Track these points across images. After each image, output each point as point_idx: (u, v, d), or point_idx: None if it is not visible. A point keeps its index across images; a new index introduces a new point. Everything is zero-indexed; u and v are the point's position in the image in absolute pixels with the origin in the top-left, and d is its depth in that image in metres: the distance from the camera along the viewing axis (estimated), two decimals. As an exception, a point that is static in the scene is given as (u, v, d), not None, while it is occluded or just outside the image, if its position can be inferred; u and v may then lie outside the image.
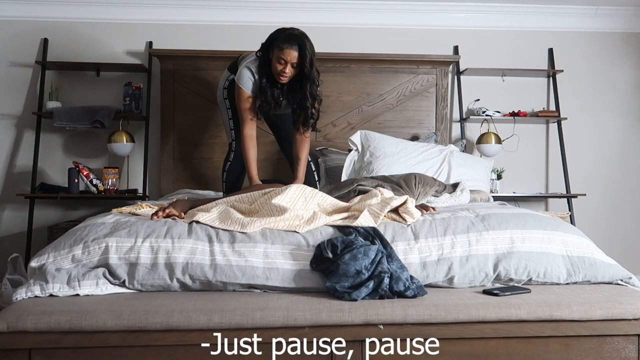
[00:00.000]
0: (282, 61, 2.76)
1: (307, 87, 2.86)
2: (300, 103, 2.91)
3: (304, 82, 2.85)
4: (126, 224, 2.02)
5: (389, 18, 4.22)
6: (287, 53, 2.74)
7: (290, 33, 2.77)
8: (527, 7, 4.23)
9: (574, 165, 4.25)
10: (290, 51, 2.74)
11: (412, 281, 1.86)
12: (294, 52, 2.75)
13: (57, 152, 4.05)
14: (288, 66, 2.77)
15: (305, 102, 2.89)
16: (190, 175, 3.97)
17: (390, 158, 3.41)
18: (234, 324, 1.67)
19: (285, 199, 2.15)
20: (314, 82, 2.87)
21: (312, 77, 2.85)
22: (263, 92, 2.86)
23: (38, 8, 4.03)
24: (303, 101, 2.89)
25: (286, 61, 2.76)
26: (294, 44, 2.74)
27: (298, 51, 2.75)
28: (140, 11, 4.09)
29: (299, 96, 2.89)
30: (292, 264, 1.92)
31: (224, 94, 3.15)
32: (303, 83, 2.85)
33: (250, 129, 2.92)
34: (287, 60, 2.76)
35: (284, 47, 2.74)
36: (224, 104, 3.17)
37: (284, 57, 2.75)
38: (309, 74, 2.82)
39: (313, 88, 2.88)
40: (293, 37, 2.75)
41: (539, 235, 2.08)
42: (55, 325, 1.63)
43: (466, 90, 4.25)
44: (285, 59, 2.75)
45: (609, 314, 1.76)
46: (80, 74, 4.08)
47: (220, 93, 3.19)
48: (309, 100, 2.89)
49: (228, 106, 3.15)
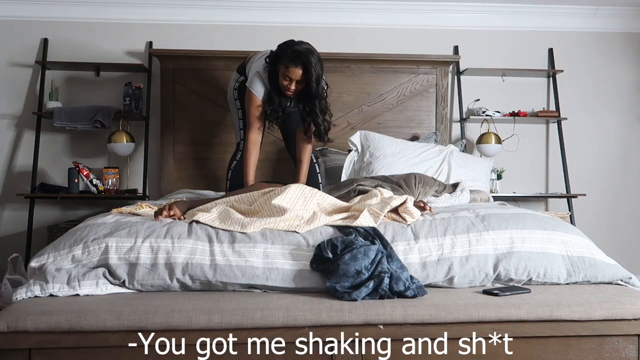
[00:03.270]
0: (287, 78, 2.76)
1: (316, 104, 2.84)
2: (312, 119, 2.89)
3: (312, 99, 2.83)
4: (126, 224, 2.02)
5: (389, 18, 4.22)
6: (291, 71, 2.74)
7: (297, 50, 2.72)
8: (527, 7, 4.23)
9: (574, 165, 4.25)
10: (295, 70, 2.73)
11: (412, 281, 1.86)
12: (299, 71, 2.73)
13: (57, 152, 4.05)
14: (293, 83, 2.77)
15: (317, 119, 2.87)
16: (190, 175, 3.97)
17: (390, 158, 3.41)
18: (234, 324, 1.66)
19: (284, 199, 2.14)
20: (322, 98, 2.85)
21: (320, 94, 2.83)
22: (271, 102, 2.86)
23: (38, 8, 4.03)
24: (314, 118, 2.87)
25: (291, 79, 2.76)
26: (298, 64, 2.72)
27: (303, 69, 2.73)
28: (140, 11, 4.09)
29: (308, 108, 2.87)
30: (292, 264, 1.92)
31: (234, 95, 3.17)
32: (311, 99, 2.83)
33: (256, 134, 2.93)
34: (292, 78, 2.75)
35: (289, 65, 2.72)
36: (234, 104, 3.18)
37: (288, 75, 2.75)
38: (316, 92, 2.80)
39: (322, 103, 2.86)
40: (298, 55, 2.71)
41: (539, 235, 2.08)
42: (55, 325, 1.63)
43: (466, 90, 4.25)
44: (290, 76, 2.75)
45: (609, 314, 1.76)
46: (80, 74, 4.08)
47: (230, 93, 3.21)
48: (319, 117, 2.87)
49: (239, 107, 3.16)
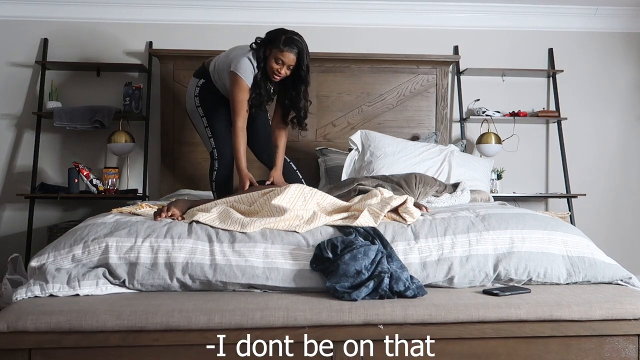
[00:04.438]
0: (279, 62, 2.81)
1: (302, 89, 2.94)
2: (293, 103, 2.97)
3: (299, 84, 2.92)
4: (126, 224, 2.02)
5: (389, 18, 4.22)
6: (286, 56, 2.80)
7: (292, 37, 2.81)
8: (527, 7, 4.23)
9: (574, 165, 4.25)
10: (290, 54, 2.80)
11: (412, 281, 1.86)
12: (293, 56, 2.81)
13: (57, 152, 4.05)
14: (284, 68, 2.83)
15: (299, 102, 2.96)
16: (190, 175, 3.96)
17: (390, 158, 3.41)
18: (234, 324, 1.67)
19: (284, 199, 2.15)
20: (308, 84, 2.96)
21: (307, 80, 2.93)
22: (257, 86, 2.88)
23: (38, 8, 4.03)
24: (296, 102, 2.96)
25: (284, 63, 2.81)
26: (294, 48, 2.79)
27: (297, 56, 2.82)
28: (140, 11, 4.09)
29: (292, 94, 2.95)
30: (292, 264, 1.92)
31: (196, 102, 3.08)
32: (297, 85, 2.92)
33: (244, 121, 2.90)
34: (285, 62, 2.81)
35: (285, 49, 2.78)
36: (196, 112, 3.09)
37: (282, 58, 2.80)
38: (305, 78, 2.90)
39: (306, 90, 2.96)
40: (294, 41, 2.80)
41: (539, 235, 2.08)
42: (55, 325, 1.63)
43: (466, 90, 4.25)
44: (284, 60, 2.80)
45: (609, 314, 1.76)
46: (80, 74, 4.08)
47: (191, 102, 3.10)
48: (302, 101, 2.96)
49: (202, 114, 3.07)
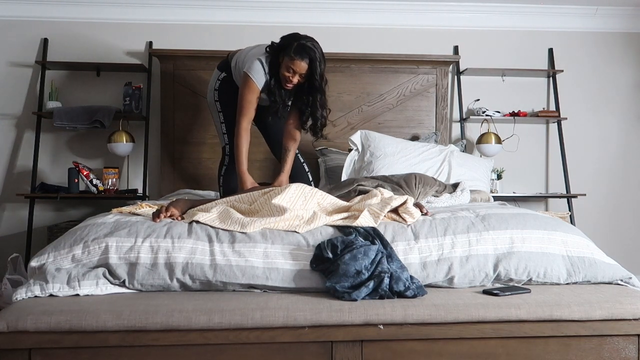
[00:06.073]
0: (290, 70, 2.74)
1: (317, 97, 2.84)
2: (311, 112, 2.88)
3: (314, 93, 2.83)
4: (126, 224, 2.02)
5: (389, 18, 4.22)
6: (297, 64, 2.72)
7: (304, 44, 2.72)
8: (527, 7, 4.23)
9: (574, 165, 4.25)
10: (301, 63, 2.72)
11: (412, 281, 1.86)
12: (304, 65, 2.73)
13: (57, 152, 4.05)
14: (296, 76, 2.76)
15: (316, 112, 2.87)
16: (190, 175, 3.97)
17: (390, 158, 3.41)
18: (234, 324, 1.67)
19: (284, 198, 2.14)
20: (324, 92, 2.86)
21: (323, 88, 2.83)
22: (272, 93, 2.83)
23: (38, 8, 4.03)
24: (313, 110, 2.87)
25: (295, 71, 2.74)
26: (305, 57, 2.71)
27: (308, 64, 2.73)
28: (140, 11, 4.09)
29: (309, 100, 2.86)
30: (292, 264, 1.92)
31: (215, 96, 3.07)
32: (313, 93, 2.83)
33: (248, 122, 2.87)
34: (296, 70, 2.74)
35: (296, 57, 2.70)
36: (214, 106, 3.09)
37: (293, 67, 2.73)
38: (319, 86, 2.80)
39: (323, 99, 2.86)
40: (305, 49, 2.71)
41: (539, 236, 2.08)
42: (55, 325, 1.63)
43: (466, 90, 4.25)
44: (295, 69, 2.73)
45: (609, 314, 1.76)
46: (80, 74, 4.08)
47: (211, 95, 3.10)
48: (319, 110, 2.87)
49: (219, 109, 3.07)
